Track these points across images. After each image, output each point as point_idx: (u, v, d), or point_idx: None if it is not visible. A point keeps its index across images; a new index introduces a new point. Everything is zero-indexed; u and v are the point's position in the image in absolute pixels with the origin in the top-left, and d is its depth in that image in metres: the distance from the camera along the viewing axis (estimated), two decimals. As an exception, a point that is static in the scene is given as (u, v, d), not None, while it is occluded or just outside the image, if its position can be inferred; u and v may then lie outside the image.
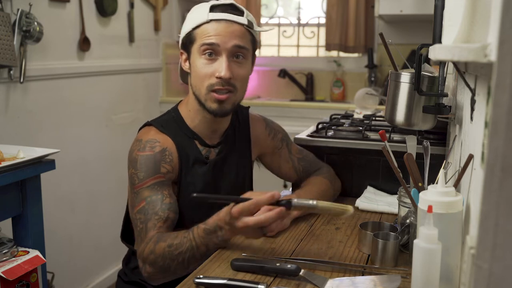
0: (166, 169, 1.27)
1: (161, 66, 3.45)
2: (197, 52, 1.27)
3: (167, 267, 1.14)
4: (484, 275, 0.60)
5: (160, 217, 1.20)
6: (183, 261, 1.13)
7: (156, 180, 1.25)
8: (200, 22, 1.26)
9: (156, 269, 1.16)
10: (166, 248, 1.14)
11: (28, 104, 2.32)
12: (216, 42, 1.24)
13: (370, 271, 1.07)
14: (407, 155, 1.07)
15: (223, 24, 1.25)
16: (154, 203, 1.21)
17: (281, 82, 3.69)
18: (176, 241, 1.14)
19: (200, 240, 1.12)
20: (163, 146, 1.29)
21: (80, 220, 2.69)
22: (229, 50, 1.25)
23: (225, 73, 1.24)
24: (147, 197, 1.22)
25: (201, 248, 1.13)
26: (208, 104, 1.29)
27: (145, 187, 1.24)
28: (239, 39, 1.27)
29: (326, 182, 1.49)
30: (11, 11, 2.15)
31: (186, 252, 1.12)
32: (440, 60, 1.03)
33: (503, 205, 0.58)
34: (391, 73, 1.31)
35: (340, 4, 3.46)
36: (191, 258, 1.13)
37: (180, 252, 1.12)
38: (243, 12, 1.29)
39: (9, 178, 1.44)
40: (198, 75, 1.28)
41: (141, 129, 1.37)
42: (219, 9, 1.27)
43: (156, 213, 1.20)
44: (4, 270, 1.36)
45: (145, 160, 1.26)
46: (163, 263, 1.14)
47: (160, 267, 1.15)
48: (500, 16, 0.55)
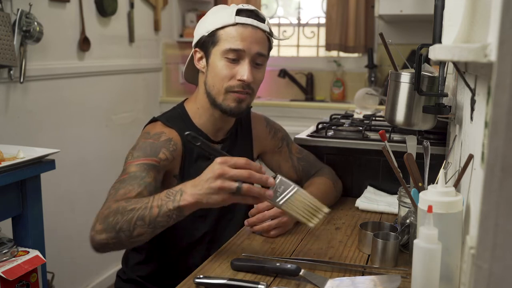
0: (165, 155, 1.26)
1: (161, 66, 3.45)
2: (220, 54, 1.28)
3: (115, 224, 1.08)
4: (484, 275, 0.60)
5: (133, 189, 1.16)
6: (131, 220, 1.06)
7: (148, 161, 1.23)
8: (226, 23, 1.27)
9: (105, 225, 1.09)
10: (123, 203, 1.10)
11: (28, 104, 2.31)
12: (242, 48, 1.27)
13: (370, 271, 1.07)
14: (407, 155, 1.07)
15: (249, 30, 1.27)
16: (135, 178, 1.18)
17: (281, 82, 3.69)
18: (135, 200, 1.10)
19: (157, 202, 1.07)
20: (169, 136, 1.30)
21: (80, 220, 2.69)
22: (252, 56, 1.28)
23: (248, 77, 1.27)
24: (131, 172, 1.20)
25: (154, 210, 1.06)
26: (226, 103, 1.30)
27: (134, 163, 1.22)
28: (261, 46, 1.30)
29: (330, 183, 1.49)
30: (11, 11, 2.15)
31: (138, 210, 1.07)
32: (440, 60, 1.03)
33: (503, 205, 0.58)
34: (391, 73, 1.31)
35: (340, 4, 3.46)
36: (140, 219, 1.06)
37: (133, 208, 1.07)
38: (265, 19, 1.32)
39: (9, 178, 1.44)
40: (218, 76, 1.29)
41: (147, 125, 1.38)
42: (245, 13, 1.29)
43: (131, 185, 1.17)
44: (4, 270, 1.36)
45: (146, 144, 1.26)
46: (113, 218, 1.09)
47: (108, 223, 1.09)
48: (500, 16, 0.55)
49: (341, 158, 1.62)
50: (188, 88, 3.75)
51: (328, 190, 1.47)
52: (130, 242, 1.10)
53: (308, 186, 1.47)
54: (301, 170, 1.53)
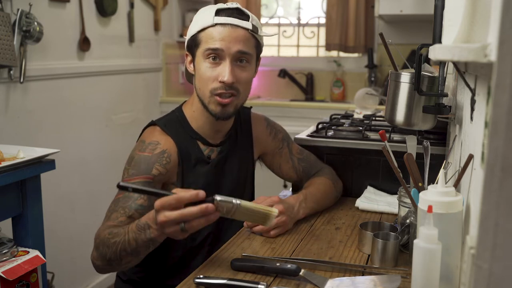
0: (159, 171, 1.28)
1: (161, 66, 3.45)
2: (202, 56, 1.28)
3: (104, 255, 1.14)
4: (484, 275, 0.60)
5: (125, 213, 1.21)
6: (116, 252, 1.12)
7: (142, 180, 1.25)
8: (206, 25, 1.27)
9: (98, 254, 1.16)
10: (107, 235, 1.14)
11: (28, 104, 2.31)
12: (221, 47, 1.25)
13: (370, 271, 1.07)
14: (407, 155, 1.07)
15: (228, 29, 1.26)
16: (128, 199, 1.22)
17: (281, 82, 3.69)
18: (116, 230, 1.14)
19: (132, 235, 1.10)
20: (164, 148, 1.30)
21: (80, 220, 2.69)
22: (232, 55, 1.26)
23: (228, 78, 1.25)
24: (126, 192, 1.23)
25: (132, 242, 1.10)
26: (211, 107, 1.29)
27: (129, 182, 1.24)
28: (243, 44, 1.27)
29: (329, 183, 1.49)
30: (11, 11, 2.15)
31: (119, 243, 1.11)
32: (440, 60, 1.03)
33: (503, 205, 0.58)
34: (391, 73, 1.31)
35: (340, 4, 3.46)
36: (123, 250, 1.11)
37: (115, 242, 1.12)
38: (248, 16, 1.30)
39: (9, 178, 1.44)
40: (202, 78, 1.29)
41: (145, 128, 1.38)
42: (224, 13, 1.27)
43: (123, 208, 1.21)
44: (4, 270, 1.36)
45: (140, 160, 1.28)
46: (102, 249, 1.15)
47: (100, 253, 1.15)
48: (500, 16, 0.55)
49: (341, 158, 1.62)
50: (188, 88, 3.75)
51: (328, 190, 1.47)
52: (124, 267, 1.17)
53: (308, 186, 1.46)
54: (301, 171, 1.52)
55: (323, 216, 1.44)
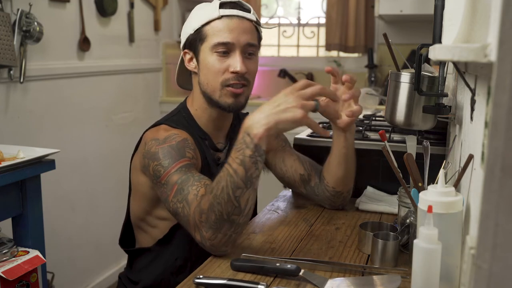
0: (191, 154, 1.23)
1: (161, 66, 3.45)
2: (209, 50, 1.27)
3: (220, 217, 1.05)
4: (484, 275, 0.60)
5: (197, 186, 1.13)
6: (230, 198, 1.04)
7: (182, 164, 1.19)
8: (211, 18, 1.26)
9: (213, 227, 1.07)
10: (210, 195, 1.06)
11: (28, 104, 2.31)
12: (231, 41, 1.25)
13: (370, 271, 1.07)
14: (407, 155, 1.06)
15: (235, 20, 1.26)
16: (187, 180, 1.15)
17: (281, 82, 3.69)
18: (214, 183, 1.07)
19: (234, 163, 1.04)
20: (183, 136, 1.26)
21: (80, 220, 2.69)
22: (242, 47, 1.27)
23: (241, 68, 1.25)
24: (177, 180, 1.16)
25: (239, 170, 1.03)
26: (223, 99, 1.28)
27: (172, 172, 1.17)
28: (250, 36, 1.28)
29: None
30: (11, 11, 2.15)
31: (227, 184, 1.04)
32: (440, 60, 1.03)
33: (503, 205, 0.58)
34: (391, 73, 1.31)
35: (340, 4, 3.46)
36: (235, 188, 1.04)
37: (222, 187, 1.04)
38: (250, 9, 1.31)
39: (9, 178, 1.44)
40: (211, 72, 1.28)
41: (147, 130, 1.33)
42: (228, 5, 1.28)
43: (192, 185, 1.14)
44: (4, 270, 1.36)
45: (167, 149, 1.22)
46: (215, 214, 1.05)
47: (215, 222, 1.06)
48: (500, 16, 0.55)
49: (341, 158, 1.62)
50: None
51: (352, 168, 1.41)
52: (245, 216, 1.08)
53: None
54: (308, 164, 1.46)
55: (323, 216, 1.44)
